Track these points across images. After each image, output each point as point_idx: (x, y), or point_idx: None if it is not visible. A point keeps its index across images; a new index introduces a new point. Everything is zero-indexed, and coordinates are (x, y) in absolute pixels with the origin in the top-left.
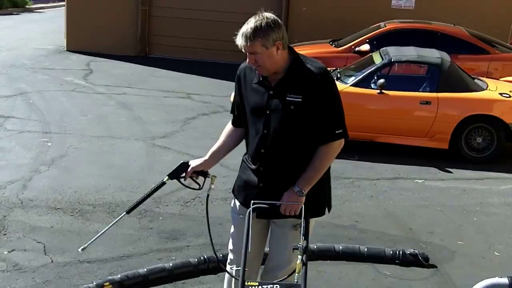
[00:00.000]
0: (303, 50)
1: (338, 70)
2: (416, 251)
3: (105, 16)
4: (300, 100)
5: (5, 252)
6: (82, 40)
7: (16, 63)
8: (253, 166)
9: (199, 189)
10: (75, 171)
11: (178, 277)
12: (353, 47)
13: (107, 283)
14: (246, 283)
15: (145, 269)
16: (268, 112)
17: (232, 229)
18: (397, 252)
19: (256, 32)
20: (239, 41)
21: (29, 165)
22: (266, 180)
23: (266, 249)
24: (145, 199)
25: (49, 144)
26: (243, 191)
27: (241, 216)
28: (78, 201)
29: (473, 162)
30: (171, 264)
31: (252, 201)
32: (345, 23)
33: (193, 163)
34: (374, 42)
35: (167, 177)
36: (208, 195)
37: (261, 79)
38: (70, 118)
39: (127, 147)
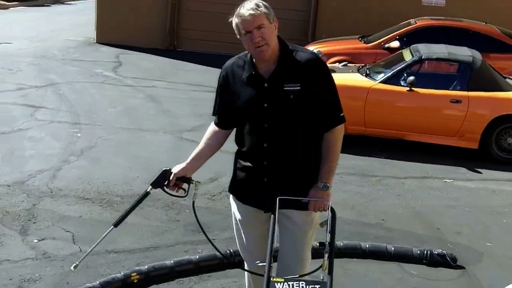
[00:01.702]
0: (332, 46)
1: (367, 67)
2: (444, 252)
3: (134, 9)
4: (299, 88)
5: (35, 241)
6: (111, 33)
7: (47, 54)
8: (254, 162)
9: (185, 196)
10: (104, 162)
11: (204, 269)
12: (382, 43)
13: (134, 274)
14: (272, 279)
15: (172, 261)
16: (266, 105)
17: (235, 231)
18: (425, 252)
19: (259, 5)
20: (243, 16)
21: (59, 155)
22: (271, 173)
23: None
24: (130, 211)
25: (79, 135)
26: (245, 189)
27: (241, 218)
28: (106, 192)
29: (503, 162)
30: (197, 257)
31: (278, 198)
32: (375, 19)
33: (175, 169)
34: (404, 39)
35: (150, 186)
36: (193, 201)
37: (253, 72)
38: (99, 110)
39: (155, 139)
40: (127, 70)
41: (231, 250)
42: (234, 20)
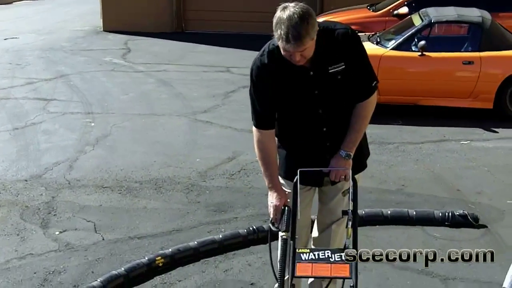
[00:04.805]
0: (340, 16)
1: (377, 35)
2: (466, 212)
3: None
4: (344, 66)
5: (56, 233)
6: (118, 20)
7: (55, 46)
8: (315, 145)
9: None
10: (120, 149)
11: (228, 248)
12: (391, 10)
13: (159, 258)
14: (297, 251)
15: (196, 242)
16: (316, 92)
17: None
18: (446, 213)
19: (307, 30)
20: (289, 46)
21: (74, 146)
22: (334, 151)
23: (313, 216)
24: (284, 264)
25: (93, 124)
26: (308, 171)
27: (303, 196)
28: (125, 179)
29: None
30: (220, 236)
31: (298, 170)
32: None
33: (285, 201)
34: (413, 4)
35: (285, 233)
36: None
37: (293, 65)
38: (112, 98)
39: (170, 123)
40: (136, 56)
41: (254, 227)
42: (276, 35)
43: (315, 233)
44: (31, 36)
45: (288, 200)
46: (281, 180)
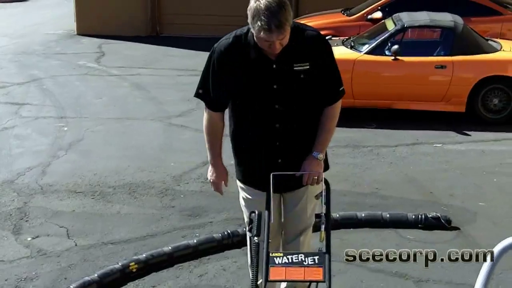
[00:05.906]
0: (315, 20)
1: (351, 39)
2: (438, 215)
3: None
4: (308, 67)
5: (29, 239)
6: (92, 23)
7: (28, 49)
8: (266, 144)
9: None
10: (94, 154)
11: (203, 253)
12: (365, 15)
13: (133, 263)
14: (271, 254)
15: (170, 247)
16: (275, 86)
17: (248, 215)
18: (419, 216)
19: (286, 17)
20: (272, 35)
21: (47, 150)
22: (285, 154)
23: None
24: (256, 270)
25: (66, 128)
26: (258, 174)
27: (257, 203)
28: (98, 184)
29: (491, 123)
30: (195, 241)
31: (272, 174)
32: None
33: (224, 178)
34: (386, 9)
35: (256, 237)
36: None
37: (259, 54)
38: (85, 102)
39: (144, 127)
40: (110, 60)
41: (229, 231)
42: (256, 26)
43: (283, 242)
44: (3, 39)
45: (246, 194)
46: (241, 184)
